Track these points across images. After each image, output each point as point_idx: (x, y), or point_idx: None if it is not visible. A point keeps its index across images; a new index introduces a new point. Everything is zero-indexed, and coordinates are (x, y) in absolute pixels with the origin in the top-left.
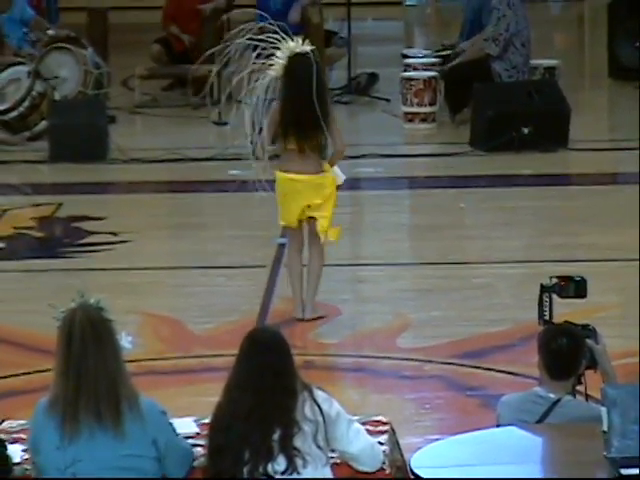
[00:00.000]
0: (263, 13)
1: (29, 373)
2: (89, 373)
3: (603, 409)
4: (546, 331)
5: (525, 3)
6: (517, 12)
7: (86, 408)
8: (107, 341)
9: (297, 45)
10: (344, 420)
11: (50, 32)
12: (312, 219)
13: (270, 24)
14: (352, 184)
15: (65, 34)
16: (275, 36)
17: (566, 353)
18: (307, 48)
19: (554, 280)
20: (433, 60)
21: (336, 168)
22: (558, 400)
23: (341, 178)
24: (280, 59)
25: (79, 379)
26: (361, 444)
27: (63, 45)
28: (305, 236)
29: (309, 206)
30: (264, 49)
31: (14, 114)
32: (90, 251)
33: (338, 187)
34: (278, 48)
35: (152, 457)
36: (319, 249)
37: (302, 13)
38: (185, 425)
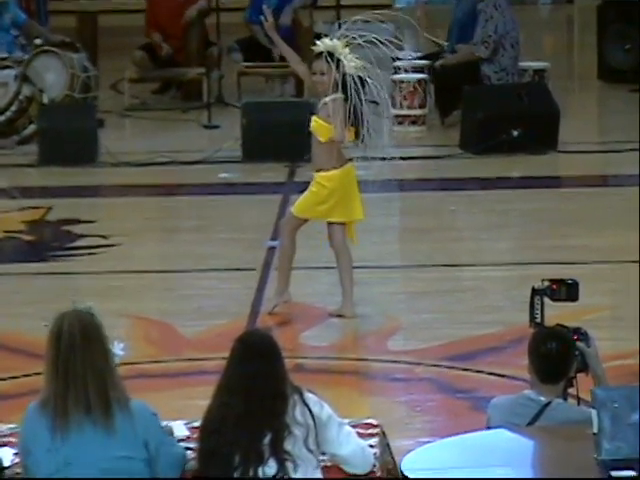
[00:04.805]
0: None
1: (19, 377)
2: (77, 371)
3: (593, 411)
4: (536, 335)
5: (513, 5)
6: (504, 13)
7: (75, 400)
8: (96, 341)
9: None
10: (335, 423)
11: (37, 41)
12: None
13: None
14: None
15: (60, 39)
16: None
17: (556, 357)
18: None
19: (546, 283)
20: (423, 62)
21: None
22: (549, 403)
23: None
24: (359, 61)
25: (67, 377)
26: (352, 447)
27: (50, 49)
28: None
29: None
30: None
31: (1, 118)
32: (80, 254)
33: None
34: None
35: (143, 459)
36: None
37: (293, 16)
38: (175, 428)
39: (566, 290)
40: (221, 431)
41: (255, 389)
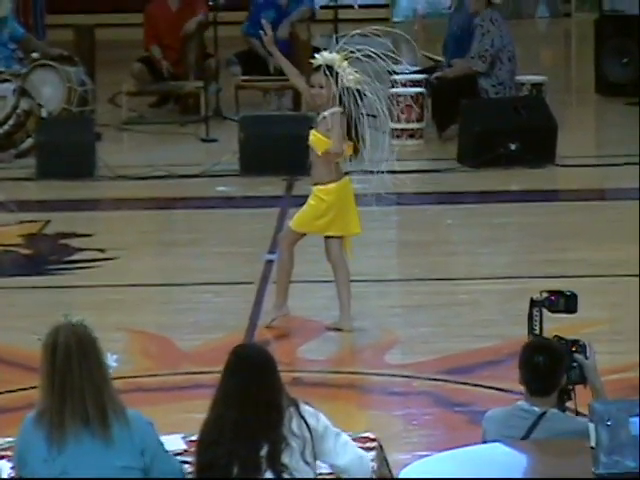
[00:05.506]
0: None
1: (15, 390)
2: (74, 383)
3: (591, 425)
4: (526, 347)
5: (510, 19)
6: (500, 27)
7: (72, 413)
8: (92, 353)
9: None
10: (331, 433)
11: (35, 55)
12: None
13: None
14: None
15: (58, 53)
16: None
17: (543, 370)
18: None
19: (544, 294)
20: (420, 76)
21: None
22: (544, 413)
23: None
24: (358, 75)
25: (64, 389)
26: (349, 456)
27: (48, 62)
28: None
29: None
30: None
31: None
32: (78, 268)
33: None
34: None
35: (141, 468)
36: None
37: (291, 30)
38: (172, 442)
39: (564, 302)
40: (219, 443)
41: (250, 400)
